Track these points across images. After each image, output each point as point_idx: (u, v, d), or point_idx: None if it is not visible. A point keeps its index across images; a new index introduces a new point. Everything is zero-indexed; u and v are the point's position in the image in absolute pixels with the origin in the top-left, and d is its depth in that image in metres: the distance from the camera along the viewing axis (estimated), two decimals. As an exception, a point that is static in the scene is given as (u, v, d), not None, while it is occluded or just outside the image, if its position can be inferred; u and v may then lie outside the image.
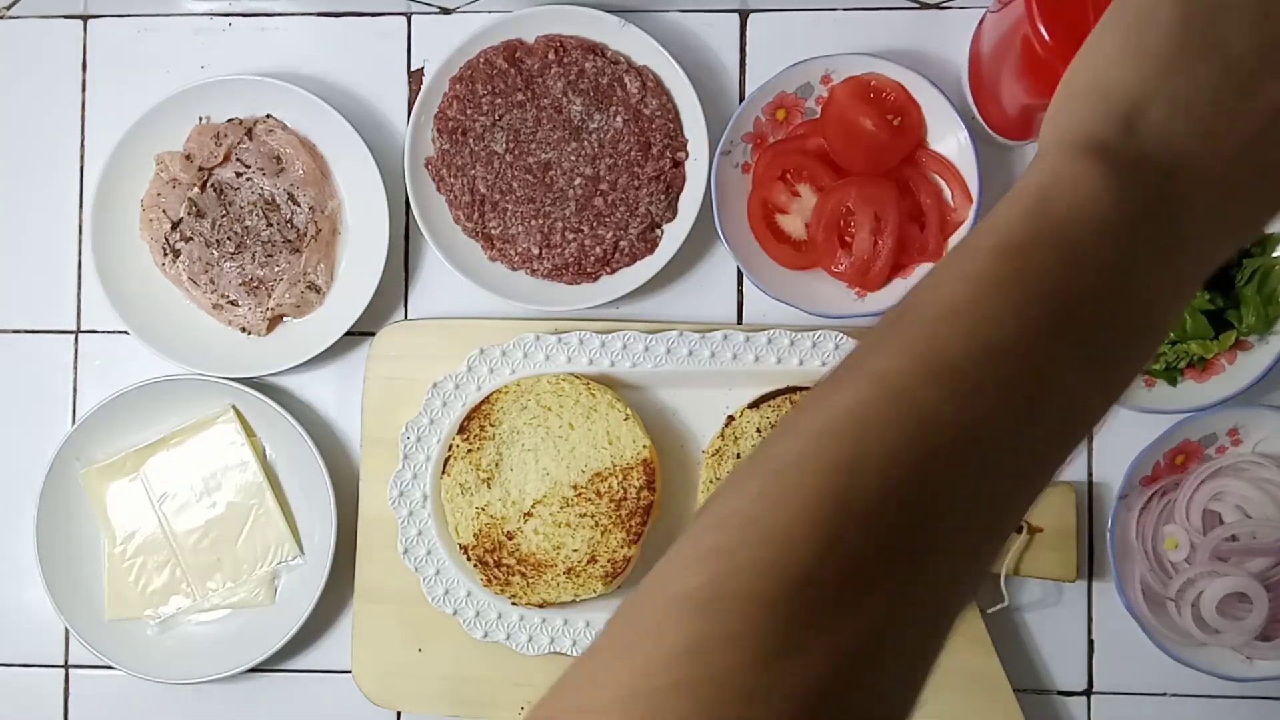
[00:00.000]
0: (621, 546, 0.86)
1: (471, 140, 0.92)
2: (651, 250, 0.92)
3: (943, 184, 0.90)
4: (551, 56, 0.91)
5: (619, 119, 0.91)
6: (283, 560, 0.94)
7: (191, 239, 0.93)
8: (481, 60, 0.92)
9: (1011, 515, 0.43)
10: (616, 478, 0.86)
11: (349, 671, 0.92)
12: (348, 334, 0.92)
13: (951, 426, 0.41)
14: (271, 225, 0.93)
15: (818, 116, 0.91)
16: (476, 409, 0.88)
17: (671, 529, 0.90)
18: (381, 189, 0.91)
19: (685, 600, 0.39)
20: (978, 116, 0.90)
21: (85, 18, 0.97)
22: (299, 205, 0.93)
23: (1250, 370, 0.87)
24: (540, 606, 0.87)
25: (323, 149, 0.94)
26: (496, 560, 0.87)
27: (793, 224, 0.91)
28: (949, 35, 0.92)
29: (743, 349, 0.88)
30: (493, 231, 0.92)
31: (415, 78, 0.95)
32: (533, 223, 0.92)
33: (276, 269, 0.93)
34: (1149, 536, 0.89)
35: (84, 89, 0.97)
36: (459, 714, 0.91)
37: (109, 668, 0.93)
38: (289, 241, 0.93)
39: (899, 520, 0.40)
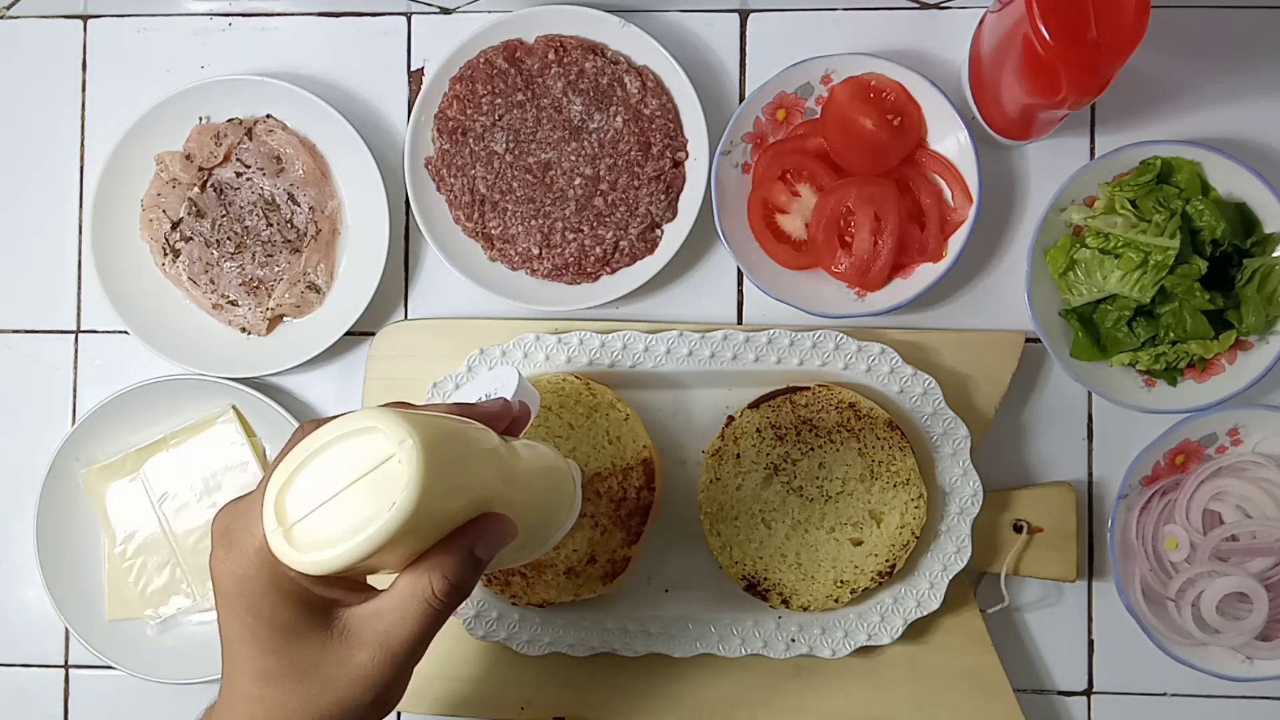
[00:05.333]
0: (621, 546, 0.86)
1: (471, 140, 0.92)
2: (651, 250, 0.92)
3: (943, 184, 0.90)
4: (551, 56, 0.91)
5: (619, 119, 0.91)
6: (283, 560, 0.94)
7: (191, 239, 0.93)
8: (481, 60, 0.92)
9: None
10: (616, 478, 0.86)
11: (349, 671, 0.92)
12: (348, 334, 0.92)
13: None
14: (271, 225, 0.93)
15: (818, 116, 0.91)
16: (476, 409, 0.88)
17: (671, 529, 0.90)
18: (381, 189, 0.91)
19: None
20: (978, 116, 0.90)
21: (85, 18, 0.97)
22: (299, 205, 0.93)
23: (1250, 370, 0.87)
24: (540, 606, 0.87)
25: (323, 149, 0.94)
26: (496, 560, 0.87)
27: (793, 224, 0.91)
28: (949, 35, 0.92)
29: (743, 349, 0.88)
30: (493, 231, 0.92)
31: (415, 78, 0.95)
32: (533, 223, 0.92)
33: (276, 269, 0.93)
34: (1149, 536, 0.89)
35: (84, 89, 0.97)
36: (459, 714, 0.91)
37: (109, 668, 0.93)
38: (289, 241, 0.93)
39: None
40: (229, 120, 0.94)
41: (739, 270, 0.93)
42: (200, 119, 0.94)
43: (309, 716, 0.58)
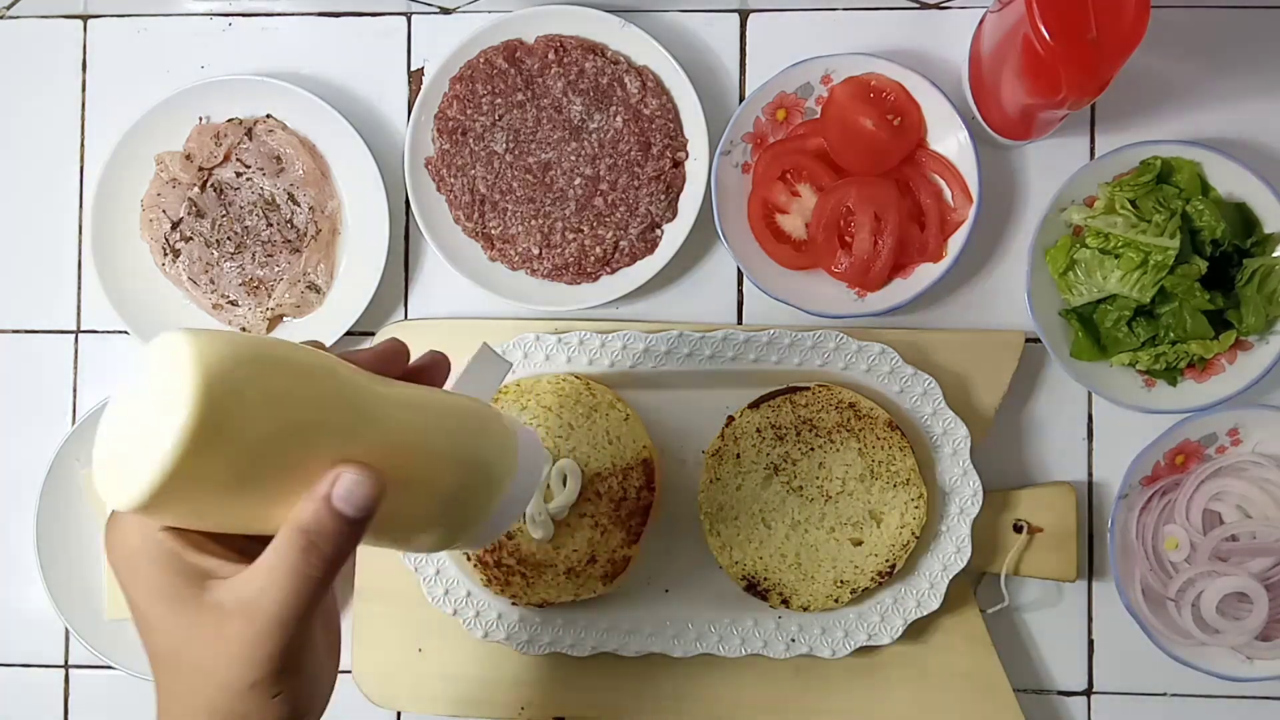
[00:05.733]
0: (621, 546, 0.86)
1: (471, 140, 0.92)
2: (651, 250, 0.92)
3: (943, 184, 0.90)
4: (551, 56, 0.91)
5: (619, 119, 0.91)
6: (283, 560, 0.94)
7: (191, 239, 0.93)
8: (481, 60, 0.92)
9: None
10: (616, 478, 0.86)
11: (349, 671, 0.92)
12: (348, 334, 0.92)
13: None
14: (271, 225, 0.93)
15: (818, 116, 0.91)
16: (476, 409, 0.88)
17: (671, 529, 0.90)
18: (381, 189, 0.91)
19: None
20: (978, 116, 0.90)
21: (85, 18, 0.97)
22: (299, 205, 0.93)
23: (1250, 370, 0.87)
24: (540, 606, 0.87)
25: (323, 149, 0.94)
26: (496, 560, 0.87)
27: (793, 224, 0.91)
28: (949, 35, 0.92)
29: (743, 349, 0.88)
30: (493, 231, 0.92)
31: (415, 78, 0.95)
32: (533, 223, 0.92)
33: (276, 269, 0.93)
34: (1149, 536, 0.89)
35: (84, 89, 0.97)
36: (459, 714, 0.91)
37: (109, 668, 0.93)
38: (289, 241, 0.93)
39: None
40: (229, 120, 0.94)
41: (739, 270, 0.93)
42: (200, 119, 0.94)
43: (199, 704, 0.53)
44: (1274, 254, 0.86)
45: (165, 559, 0.53)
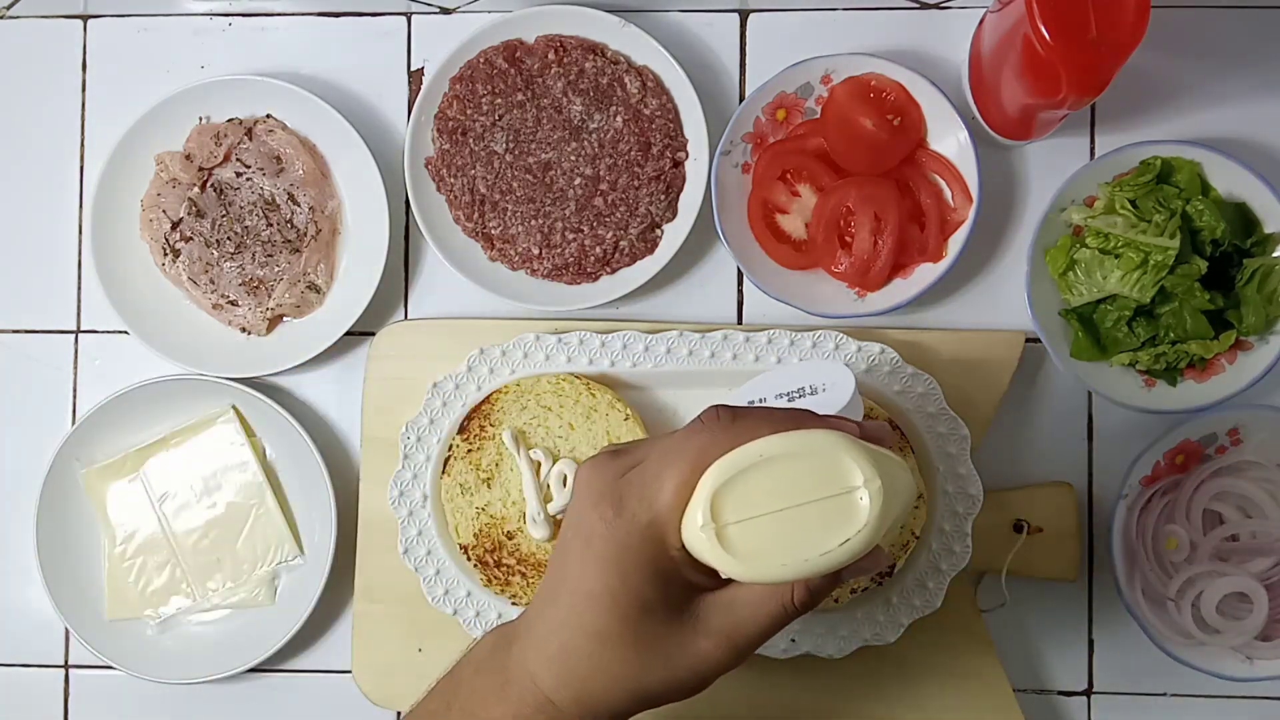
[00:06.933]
0: (622, 546, 0.86)
1: (471, 140, 0.92)
2: (651, 250, 0.92)
3: (943, 184, 0.90)
4: (551, 56, 0.91)
5: (619, 119, 0.91)
6: (283, 560, 0.94)
7: (191, 239, 0.93)
8: (481, 60, 0.92)
9: None
10: (617, 478, 0.86)
11: (349, 671, 0.92)
12: (348, 334, 0.92)
13: None
14: (271, 225, 0.93)
15: (818, 116, 0.91)
16: (476, 409, 0.88)
17: (671, 529, 0.90)
18: (381, 189, 0.91)
19: None
20: (978, 116, 0.90)
21: (85, 18, 0.97)
22: (299, 205, 0.93)
23: (1250, 370, 0.87)
24: (541, 606, 0.87)
25: (323, 149, 0.94)
26: (496, 560, 0.87)
27: (793, 224, 0.91)
28: (949, 35, 0.92)
29: (743, 349, 0.88)
30: (493, 231, 0.92)
31: (415, 78, 0.95)
32: (533, 223, 0.92)
33: (276, 269, 0.93)
34: (1149, 536, 0.89)
35: (84, 89, 0.97)
36: (459, 714, 0.91)
37: (109, 668, 0.93)
38: (289, 241, 0.93)
39: None
40: (229, 120, 0.94)
41: (739, 270, 0.93)
42: (200, 119, 0.94)
43: (632, 687, 0.59)
44: (1274, 254, 0.86)
45: (667, 572, 0.59)
